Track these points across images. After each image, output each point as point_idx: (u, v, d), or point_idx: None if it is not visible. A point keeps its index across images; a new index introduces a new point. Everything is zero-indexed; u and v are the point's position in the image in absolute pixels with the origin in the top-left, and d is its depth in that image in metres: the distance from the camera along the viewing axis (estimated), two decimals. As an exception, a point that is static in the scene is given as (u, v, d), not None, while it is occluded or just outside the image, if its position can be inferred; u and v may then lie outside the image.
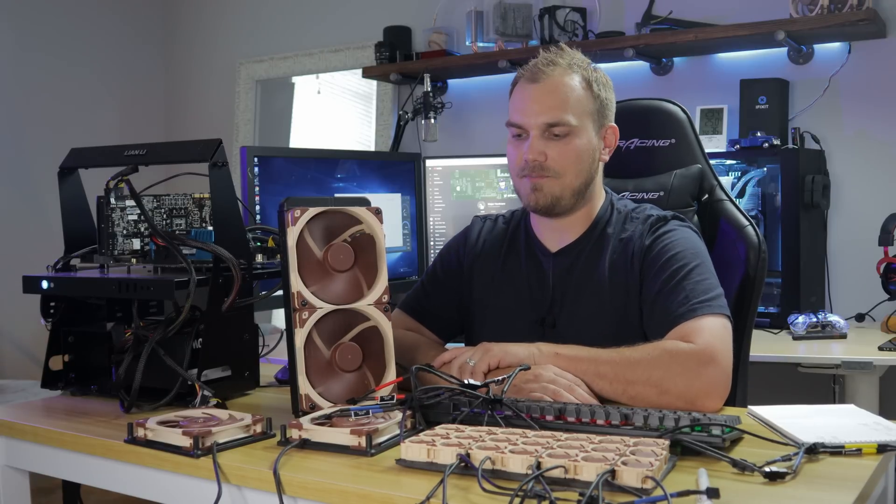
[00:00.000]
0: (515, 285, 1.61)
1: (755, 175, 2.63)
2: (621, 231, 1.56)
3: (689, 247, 1.51)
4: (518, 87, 1.57)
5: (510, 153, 1.57)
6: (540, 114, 1.51)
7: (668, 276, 1.46)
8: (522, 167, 1.53)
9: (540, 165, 1.51)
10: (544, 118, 1.51)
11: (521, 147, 1.53)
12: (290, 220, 1.32)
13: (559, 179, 1.52)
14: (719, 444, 1.07)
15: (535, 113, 1.52)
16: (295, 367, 1.30)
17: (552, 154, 1.51)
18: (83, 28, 3.96)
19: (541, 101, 1.52)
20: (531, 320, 1.58)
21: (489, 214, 1.74)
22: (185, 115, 4.25)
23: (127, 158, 1.51)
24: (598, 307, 1.53)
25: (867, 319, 2.60)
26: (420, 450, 1.05)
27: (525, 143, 1.53)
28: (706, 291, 1.44)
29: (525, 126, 1.53)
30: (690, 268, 1.47)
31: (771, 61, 2.83)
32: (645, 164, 1.82)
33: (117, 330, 1.57)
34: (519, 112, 1.54)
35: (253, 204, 2.31)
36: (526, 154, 1.52)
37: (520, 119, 1.54)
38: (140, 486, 1.26)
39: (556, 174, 1.51)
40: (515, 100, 1.57)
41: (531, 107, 1.52)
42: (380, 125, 3.59)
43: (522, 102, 1.54)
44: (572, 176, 1.53)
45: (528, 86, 1.54)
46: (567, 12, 3.04)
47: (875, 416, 1.21)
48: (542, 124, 1.51)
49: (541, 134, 1.51)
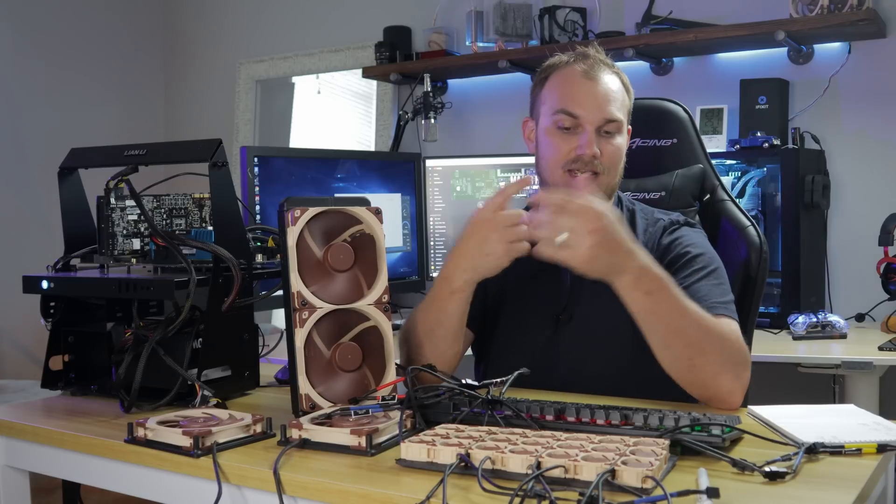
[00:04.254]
0: (530, 281, 1.61)
1: (755, 175, 2.63)
2: (631, 229, 1.56)
3: (708, 250, 1.53)
4: (568, 79, 1.55)
5: (554, 144, 1.54)
6: (599, 109, 1.51)
7: (688, 275, 1.47)
8: (573, 160, 1.52)
9: (593, 161, 1.51)
10: (604, 114, 1.51)
11: (570, 140, 1.52)
12: (290, 220, 1.32)
13: (603, 177, 1.53)
14: (719, 443, 1.07)
15: (595, 108, 1.51)
16: (295, 367, 1.30)
17: (604, 151, 1.52)
18: (83, 28, 3.96)
19: (599, 97, 1.52)
20: (547, 315, 1.58)
21: None
22: (185, 115, 4.25)
23: (127, 158, 1.51)
24: (614, 303, 1.52)
25: (867, 319, 2.60)
26: (420, 450, 1.05)
27: (577, 136, 1.52)
28: (724, 294, 1.46)
29: (583, 119, 1.51)
30: (709, 270, 1.48)
31: (771, 61, 2.83)
32: (646, 164, 1.82)
33: (117, 330, 1.57)
34: (576, 103, 1.52)
35: (253, 204, 2.32)
36: (584, 148, 1.50)
37: (578, 110, 1.52)
38: (140, 486, 1.26)
39: (604, 170, 1.52)
40: (566, 89, 1.54)
41: (592, 101, 1.52)
42: (380, 125, 3.59)
43: (580, 94, 1.53)
44: (614, 174, 1.55)
45: (585, 80, 1.53)
46: (567, 12, 3.04)
47: (875, 416, 1.21)
48: (602, 119, 1.51)
49: (595, 129, 1.52)
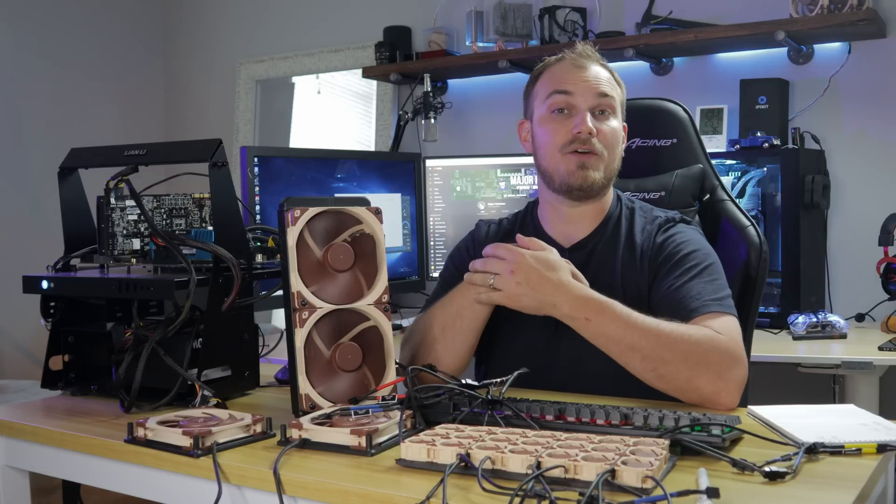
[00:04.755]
0: None
1: (755, 175, 2.63)
2: (630, 227, 1.58)
3: (702, 247, 1.53)
4: (559, 68, 1.58)
5: (550, 130, 1.56)
6: (592, 88, 1.54)
7: (682, 273, 1.47)
8: (570, 141, 1.53)
9: (591, 139, 1.52)
10: (597, 91, 1.53)
11: (566, 122, 1.54)
12: (290, 220, 1.32)
13: (603, 158, 1.53)
14: (719, 443, 1.07)
15: (587, 87, 1.54)
16: (295, 367, 1.30)
17: (600, 130, 1.53)
18: (83, 28, 3.96)
19: (593, 79, 1.55)
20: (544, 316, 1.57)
21: (492, 219, 1.73)
22: (185, 115, 4.24)
23: (127, 158, 1.51)
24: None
25: (867, 319, 2.60)
26: (420, 450, 1.05)
27: (572, 118, 1.53)
28: (718, 290, 1.45)
29: (577, 96, 1.53)
30: (703, 266, 1.48)
31: (771, 61, 2.83)
32: (646, 164, 1.82)
33: (117, 330, 1.57)
34: (570, 83, 1.55)
35: (253, 204, 2.32)
36: (580, 126, 1.52)
37: (571, 87, 1.54)
38: (140, 486, 1.26)
39: (601, 152, 1.53)
40: (557, 75, 1.57)
41: (583, 82, 1.54)
42: (380, 125, 3.59)
43: (573, 78, 1.55)
44: (612, 157, 1.55)
45: (574, 68, 1.56)
46: (567, 12, 3.04)
47: (875, 416, 1.21)
48: (595, 96, 1.53)
49: (589, 109, 1.53)
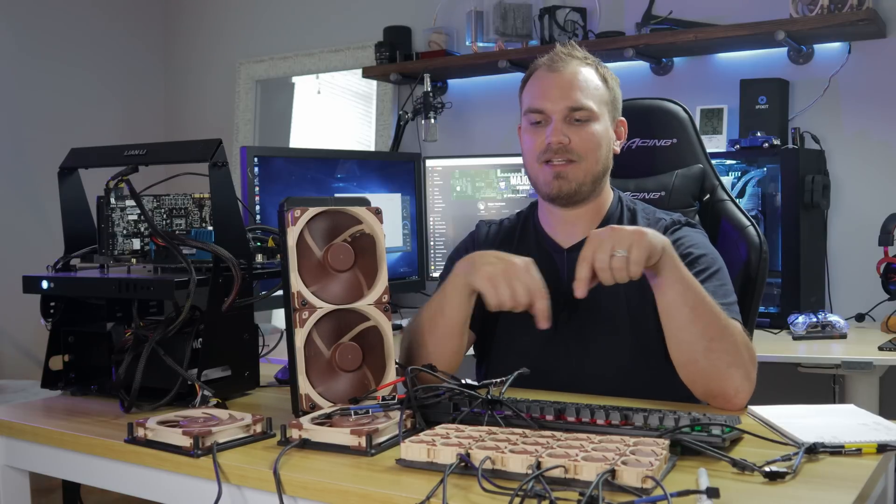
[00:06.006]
0: None
1: (755, 175, 2.63)
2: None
3: (709, 251, 1.53)
4: (536, 77, 1.58)
5: (528, 141, 1.57)
6: (563, 98, 1.53)
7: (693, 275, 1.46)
8: (544, 151, 1.53)
9: (564, 148, 1.52)
10: (567, 102, 1.52)
11: (541, 133, 1.54)
12: (290, 220, 1.32)
13: (581, 164, 1.53)
14: (719, 443, 1.07)
15: (557, 97, 1.53)
16: (295, 367, 1.30)
17: (575, 138, 1.52)
18: (83, 28, 3.96)
19: (563, 87, 1.53)
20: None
21: (492, 220, 1.73)
22: (185, 115, 4.24)
23: (127, 158, 1.51)
24: (614, 303, 1.53)
25: (867, 319, 2.60)
26: (420, 450, 1.05)
27: (545, 128, 1.53)
28: (726, 296, 1.46)
29: (547, 110, 1.53)
30: (712, 271, 1.48)
31: (771, 61, 2.82)
32: (646, 164, 1.82)
33: (117, 330, 1.57)
34: (540, 97, 1.55)
35: (253, 204, 2.32)
36: (549, 137, 1.52)
37: (541, 104, 1.54)
38: (140, 486, 1.26)
39: (578, 158, 1.52)
40: (533, 88, 1.57)
41: (553, 92, 1.53)
42: (380, 125, 3.59)
43: (543, 89, 1.55)
44: (593, 161, 1.54)
45: (549, 74, 1.56)
46: (567, 12, 3.04)
47: (875, 416, 1.21)
48: (565, 108, 1.52)
49: (563, 118, 1.52)
